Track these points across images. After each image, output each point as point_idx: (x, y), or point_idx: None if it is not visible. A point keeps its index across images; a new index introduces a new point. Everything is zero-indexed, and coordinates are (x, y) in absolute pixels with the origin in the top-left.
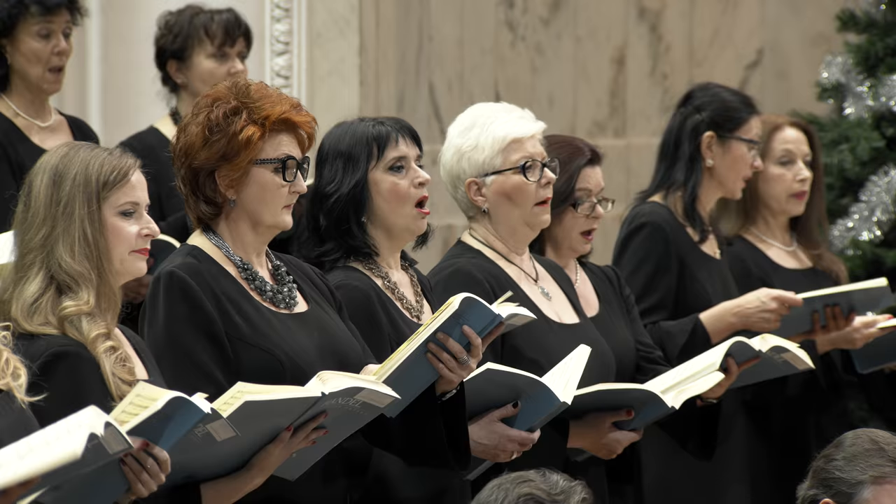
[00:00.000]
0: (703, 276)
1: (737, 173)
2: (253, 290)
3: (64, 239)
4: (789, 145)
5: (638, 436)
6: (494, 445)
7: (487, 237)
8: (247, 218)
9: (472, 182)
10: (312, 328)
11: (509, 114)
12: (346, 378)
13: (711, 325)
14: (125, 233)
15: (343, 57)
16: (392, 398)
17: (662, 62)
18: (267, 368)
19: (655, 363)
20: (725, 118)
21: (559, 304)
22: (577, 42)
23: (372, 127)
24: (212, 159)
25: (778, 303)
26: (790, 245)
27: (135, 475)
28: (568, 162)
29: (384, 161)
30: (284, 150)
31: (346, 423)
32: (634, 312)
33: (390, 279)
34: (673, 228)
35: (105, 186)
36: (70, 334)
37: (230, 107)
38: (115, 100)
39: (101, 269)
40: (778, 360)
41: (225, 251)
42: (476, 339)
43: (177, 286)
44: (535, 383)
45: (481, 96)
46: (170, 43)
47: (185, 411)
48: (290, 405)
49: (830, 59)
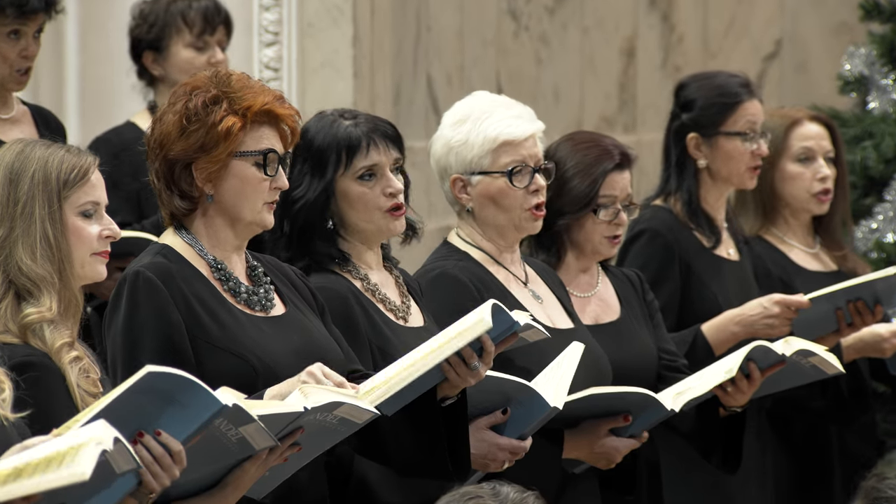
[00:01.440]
0: (714, 282)
1: (736, 167)
2: (226, 291)
3: (24, 241)
4: (809, 142)
5: (638, 442)
6: (484, 455)
7: (474, 236)
8: (224, 214)
9: (458, 179)
10: (290, 331)
11: (508, 110)
12: (327, 392)
13: (714, 335)
14: (86, 234)
15: (336, 48)
16: (371, 414)
17: (675, 54)
18: (238, 374)
19: (678, 371)
20: (706, 115)
21: (551, 308)
22: (584, 32)
23: (345, 129)
24: (188, 150)
25: (781, 307)
26: (813, 246)
27: (146, 467)
28: (594, 165)
29: (353, 169)
30: (266, 144)
31: (319, 439)
32: (658, 318)
33: (370, 280)
34: (675, 232)
35: (66, 185)
36: (33, 343)
37: (210, 96)
38: (94, 92)
39: (63, 273)
40: (805, 364)
41: (198, 249)
42: (490, 345)
43: (142, 288)
44: (524, 388)
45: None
46: (145, 33)
47: (198, 399)
48: (271, 421)
49: (853, 50)
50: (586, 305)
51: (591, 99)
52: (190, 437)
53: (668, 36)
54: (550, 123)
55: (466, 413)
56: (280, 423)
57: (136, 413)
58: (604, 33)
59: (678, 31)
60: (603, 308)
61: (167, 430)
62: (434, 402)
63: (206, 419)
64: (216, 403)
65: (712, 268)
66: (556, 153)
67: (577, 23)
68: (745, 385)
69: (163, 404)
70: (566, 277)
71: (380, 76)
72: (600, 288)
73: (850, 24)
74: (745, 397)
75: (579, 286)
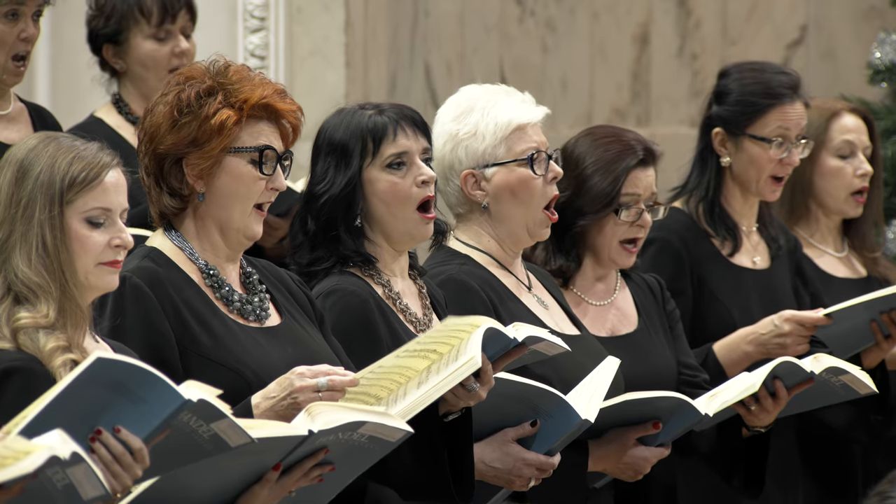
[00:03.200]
0: (731, 295)
1: (757, 174)
2: (218, 299)
3: (21, 245)
4: (850, 135)
5: (667, 451)
6: (508, 470)
7: (480, 239)
8: (215, 217)
9: (470, 174)
10: (285, 343)
11: (510, 97)
12: (341, 411)
13: (725, 355)
14: (91, 243)
15: (327, 35)
16: (403, 431)
17: (692, 41)
18: (232, 389)
19: (699, 388)
20: (735, 112)
21: (556, 314)
22: (593, 17)
23: (369, 117)
24: (179, 145)
25: (793, 325)
26: (841, 251)
27: (105, 466)
28: (615, 161)
29: (381, 158)
30: (263, 140)
31: (354, 459)
32: (678, 329)
33: (392, 288)
34: (688, 242)
35: (70, 188)
36: (24, 347)
37: (204, 87)
38: (67, 82)
39: (63, 283)
40: (835, 383)
41: (188, 253)
42: (487, 364)
43: (129, 295)
44: (551, 397)
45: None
46: (102, 26)
47: (158, 393)
48: (272, 444)
49: (884, 37)
50: (602, 315)
51: (602, 90)
52: (152, 434)
53: (685, 21)
54: (558, 116)
55: (471, 430)
56: (283, 446)
57: (92, 407)
58: (615, 18)
59: (695, 16)
60: (619, 318)
61: (127, 426)
62: (435, 418)
63: (169, 414)
64: (178, 398)
65: (728, 279)
66: (576, 149)
67: (587, 7)
68: (769, 404)
69: (120, 398)
70: (583, 284)
71: (374, 65)
72: (618, 296)
73: (881, 8)
74: (769, 417)
75: (595, 294)
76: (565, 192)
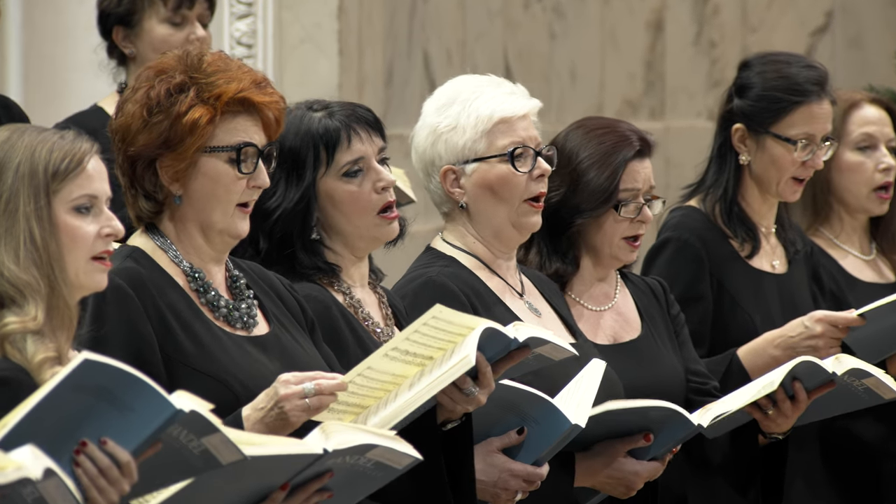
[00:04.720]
0: (752, 300)
1: (777, 175)
2: (203, 305)
3: (6, 242)
4: (870, 127)
5: (662, 466)
6: (494, 483)
7: (465, 240)
8: (194, 219)
9: (449, 170)
10: (273, 353)
11: (497, 88)
12: (356, 432)
13: (751, 360)
14: (81, 233)
15: (318, 21)
16: (412, 458)
17: (709, 28)
18: (219, 401)
19: (709, 395)
20: (758, 109)
21: (550, 322)
22: (604, 3)
23: (319, 121)
24: (151, 146)
25: (825, 325)
26: (868, 253)
27: (91, 481)
28: (611, 154)
29: (336, 167)
30: (241, 137)
31: (354, 485)
32: (684, 335)
33: (353, 296)
34: (707, 242)
35: (55, 177)
36: (11, 356)
37: (175, 82)
38: (40, 72)
39: (53, 279)
40: (858, 387)
41: (172, 255)
42: (486, 366)
43: (111, 298)
44: (537, 400)
45: (487, 69)
46: (115, 5)
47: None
48: (285, 462)
49: None
50: (602, 321)
51: (613, 80)
52: (141, 446)
53: (702, 7)
54: (566, 108)
55: (471, 439)
56: (295, 464)
57: (76, 414)
58: (627, 4)
59: (713, 1)
60: (621, 324)
61: (113, 437)
62: (433, 427)
63: (159, 426)
64: (168, 407)
65: (748, 283)
66: (567, 143)
67: None
68: (788, 408)
69: (107, 406)
70: (581, 288)
71: (369, 54)
72: (618, 300)
73: None
74: (788, 422)
75: (594, 298)
76: (559, 190)
